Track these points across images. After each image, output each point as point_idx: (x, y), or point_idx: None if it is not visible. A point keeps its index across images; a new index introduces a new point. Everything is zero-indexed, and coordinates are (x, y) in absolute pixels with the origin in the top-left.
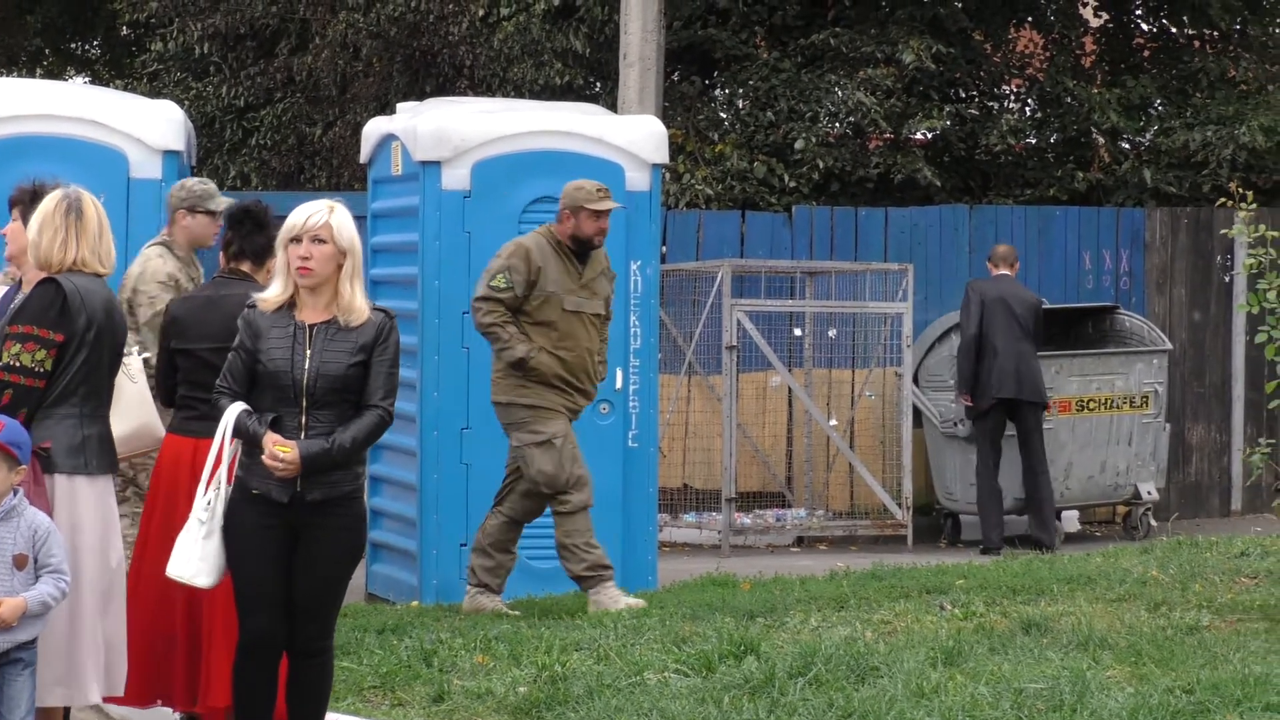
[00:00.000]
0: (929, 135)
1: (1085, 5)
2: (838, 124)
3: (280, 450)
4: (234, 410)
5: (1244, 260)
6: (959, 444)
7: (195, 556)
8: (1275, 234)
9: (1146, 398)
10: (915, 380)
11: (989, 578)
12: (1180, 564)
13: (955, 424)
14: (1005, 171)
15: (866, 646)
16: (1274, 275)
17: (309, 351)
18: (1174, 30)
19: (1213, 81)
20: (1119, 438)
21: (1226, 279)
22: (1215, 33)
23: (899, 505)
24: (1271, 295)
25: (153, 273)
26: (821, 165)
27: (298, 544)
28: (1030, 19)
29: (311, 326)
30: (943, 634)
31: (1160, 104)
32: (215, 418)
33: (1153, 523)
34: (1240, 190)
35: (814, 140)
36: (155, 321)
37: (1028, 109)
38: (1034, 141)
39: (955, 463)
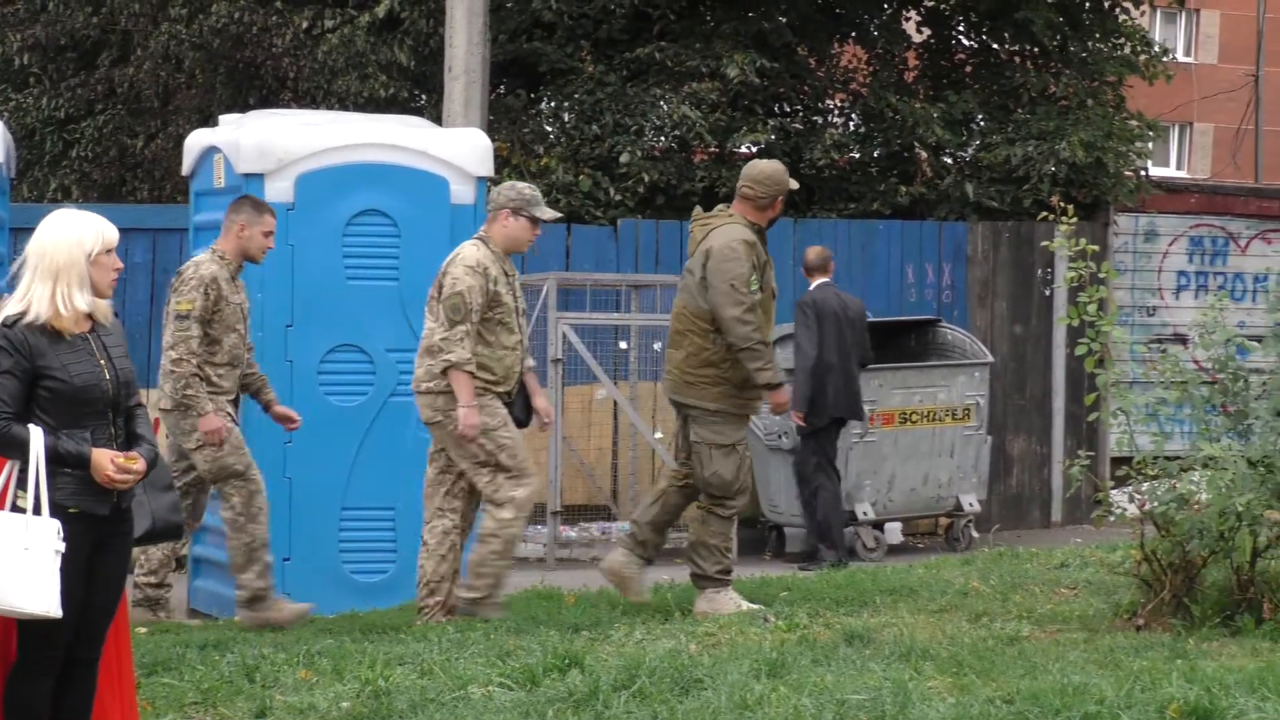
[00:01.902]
0: (754, 149)
1: (908, 21)
2: (663, 138)
3: (128, 462)
4: (38, 435)
5: (1064, 274)
6: (783, 457)
7: (53, 588)
8: (1095, 248)
9: (968, 410)
10: None
11: (812, 589)
12: (1001, 575)
13: (779, 436)
14: (829, 185)
15: (691, 659)
16: (1094, 289)
17: (102, 361)
18: (995, 46)
19: (1034, 97)
20: (941, 450)
21: (1047, 292)
22: (1036, 49)
23: None
24: (1091, 308)
25: (462, 258)
26: (647, 179)
27: (96, 554)
28: (854, 34)
29: (89, 336)
30: (766, 646)
31: (982, 119)
32: None
33: (974, 534)
34: (1061, 204)
35: (639, 154)
36: (451, 301)
37: (852, 123)
38: (858, 156)
39: (780, 475)
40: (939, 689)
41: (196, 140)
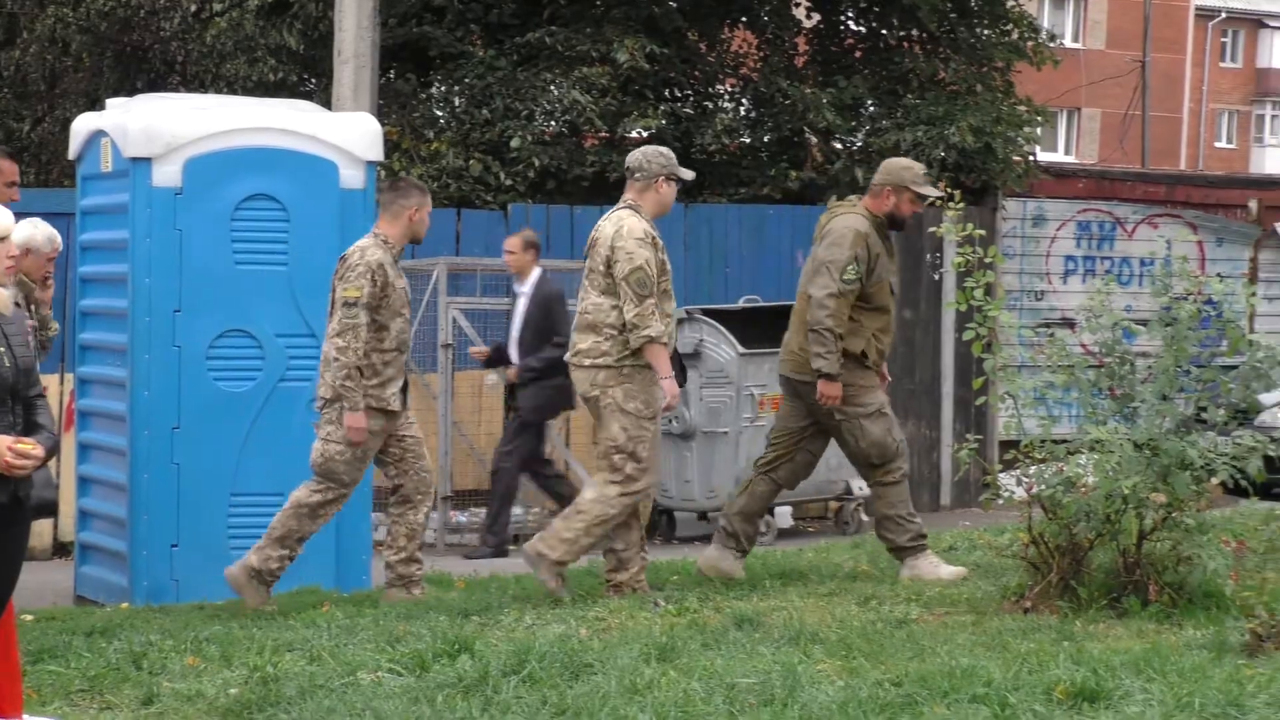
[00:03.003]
0: (644, 134)
1: (798, 6)
2: (553, 122)
3: (26, 447)
4: None
5: (953, 259)
6: (674, 441)
7: None
8: (983, 232)
9: None
10: None
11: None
12: (890, 559)
13: (670, 421)
14: (720, 170)
15: (581, 643)
16: (982, 273)
17: (2, 349)
18: (885, 32)
19: (923, 82)
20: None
21: (936, 277)
22: (925, 34)
23: None
24: (979, 293)
25: (630, 230)
26: (537, 163)
27: None
28: (744, 19)
29: None
30: (656, 630)
31: (872, 104)
32: None
33: (864, 518)
34: (949, 190)
35: (530, 138)
36: (634, 276)
37: (742, 108)
38: (748, 141)
39: (670, 460)
40: (828, 672)
41: (83, 124)
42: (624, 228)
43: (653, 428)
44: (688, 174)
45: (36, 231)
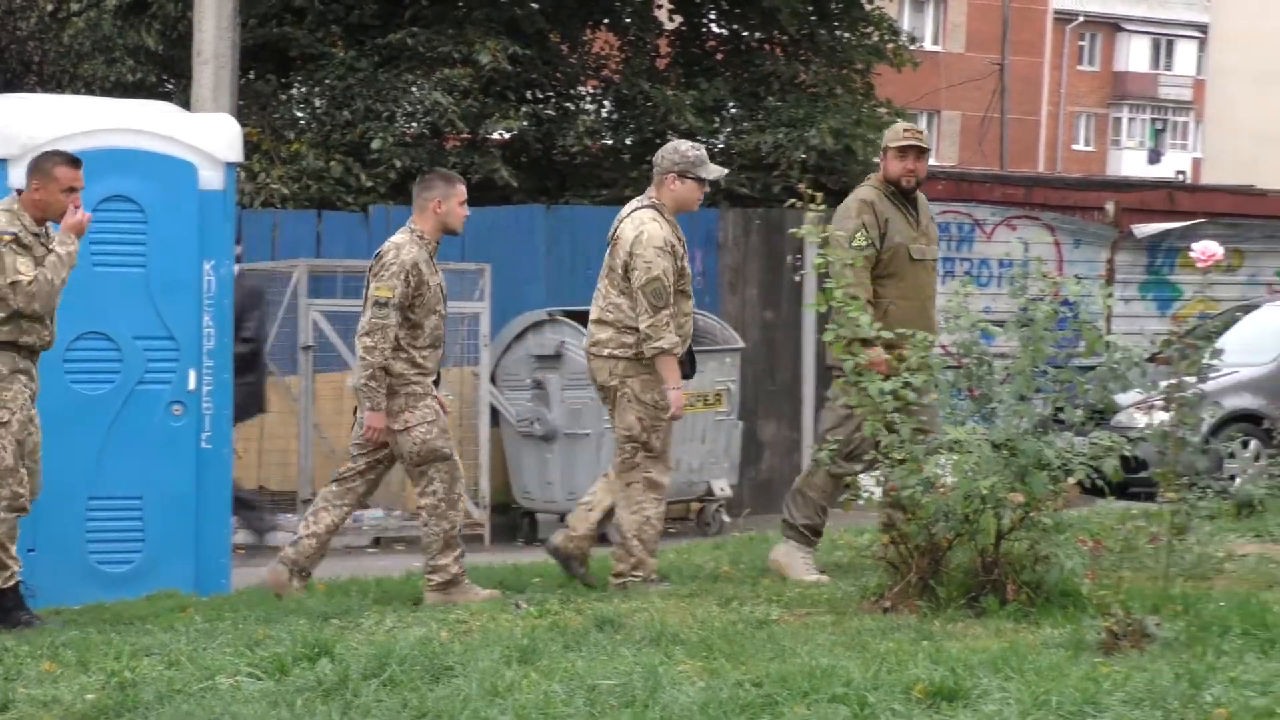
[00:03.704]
0: (506, 135)
1: (660, 8)
2: (415, 124)
3: None
4: None
5: (813, 260)
6: (535, 443)
7: None
8: (843, 234)
9: (720, 396)
10: (493, 380)
11: (565, 575)
12: (752, 559)
13: (532, 423)
14: (582, 172)
15: (442, 646)
16: (841, 275)
17: None
18: (746, 34)
19: (783, 85)
20: (693, 435)
21: (797, 279)
22: (786, 37)
23: (476, 504)
24: (839, 294)
25: (650, 237)
26: (399, 165)
27: None
28: (606, 21)
29: None
30: (518, 632)
31: (733, 106)
32: None
33: (725, 518)
34: (810, 191)
35: (391, 140)
36: (651, 286)
37: (604, 110)
38: (610, 142)
39: (532, 462)
40: (689, 673)
41: None
42: (644, 234)
43: (666, 419)
44: (710, 173)
45: None
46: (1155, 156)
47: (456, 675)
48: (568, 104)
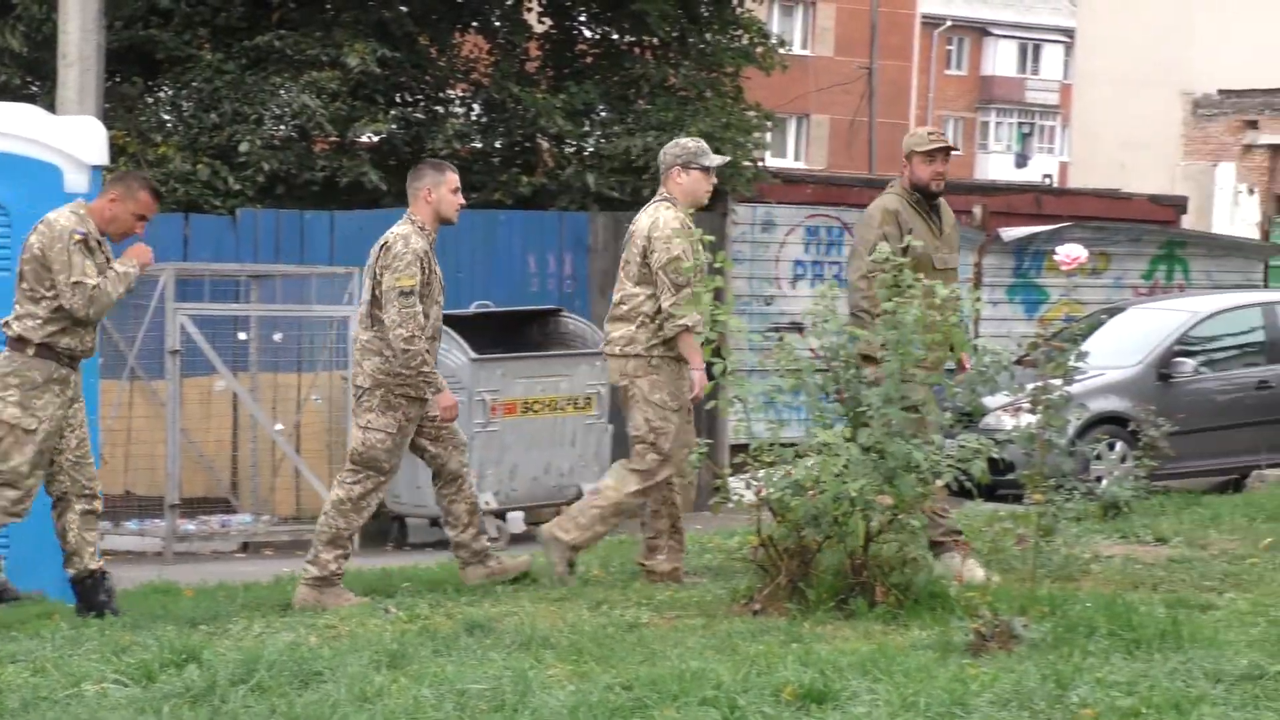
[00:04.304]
0: (375, 138)
1: (530, 11)
2: (283, 126)
3: None
4: None
5: (683, 264)
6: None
7: None
8: (712, 238)
9: (590, 399)
10: None
11: (435, 579)
12: (622, 562)
13: None
14: None
15: (310, 651)
16: (711, 278)
17: None
18: (616, 37)
19: (653, 88)
20: (563, 439)
21: None
22: (656, 40)
23: None
24: (709, 298)
25: (665, 222)
26: (267, 168)
27: None
28: (475, 24)
29: None
30: (387, 637)
31: (603, 110)
32: None
33: None
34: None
35: (259, 143)
36: (671, 265)
37: (473, 113)
38: (480, 146)
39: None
40: (559, 677)
41: None
42: (659, 219)
43: (678, 420)
44: (711, 160)
45: None
46: (1022, 160)
47: (325, 680)
48: (437, 107)
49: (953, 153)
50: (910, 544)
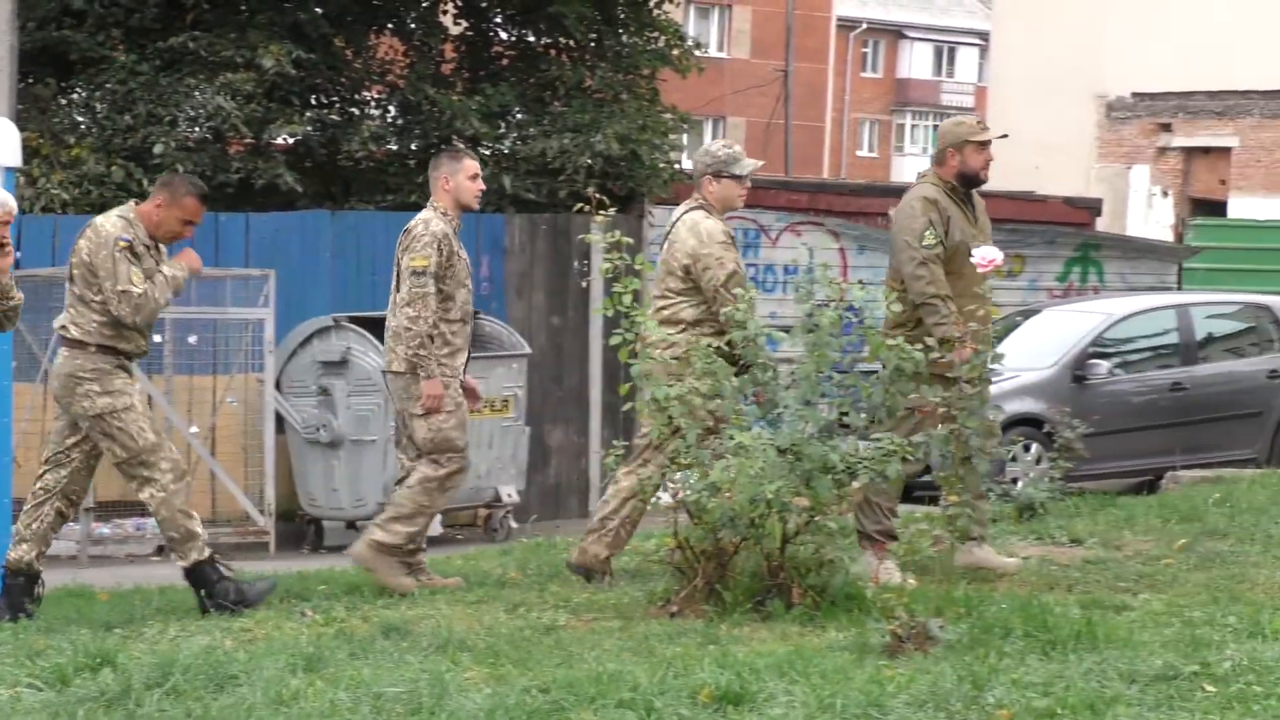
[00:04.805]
0: (290, 140)
1: (445, 13)
2: (197, 128)
3: None
4: None
5: (600, 265)
6: (321, 450)
7: None
8: (630, 240)
9: (507, 401)
10: (278, 386)
11: (351, 582)
12: (539, 565)
13: (317, 429)
14: (367, 177)
15: (226, 655)
16: (628, 280)
17: None
18: (532, 39)
19: (569, 90)
20: (480, 441)
21: (584, 284)
22: (572, 42)
23: (261, 512)
24: (626, 300)
25: (709, 234)
26: (181, 169)
27: None
28: (391, 26)
29: None
30: (303, 640)
31: (519, 112)
32: None
33: (513, 524)
34: (596, 196)
35: (173, 144)
36: (733, 280)
37: (389, 115)
38: (395, 148)
39: (318, 469)
40: (476, 680)
41: None
42: (702, 231)
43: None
44: (743, 169)
45: None
46: None
47: (241, 684)
48: (352, 109)
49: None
50: (827, 545)
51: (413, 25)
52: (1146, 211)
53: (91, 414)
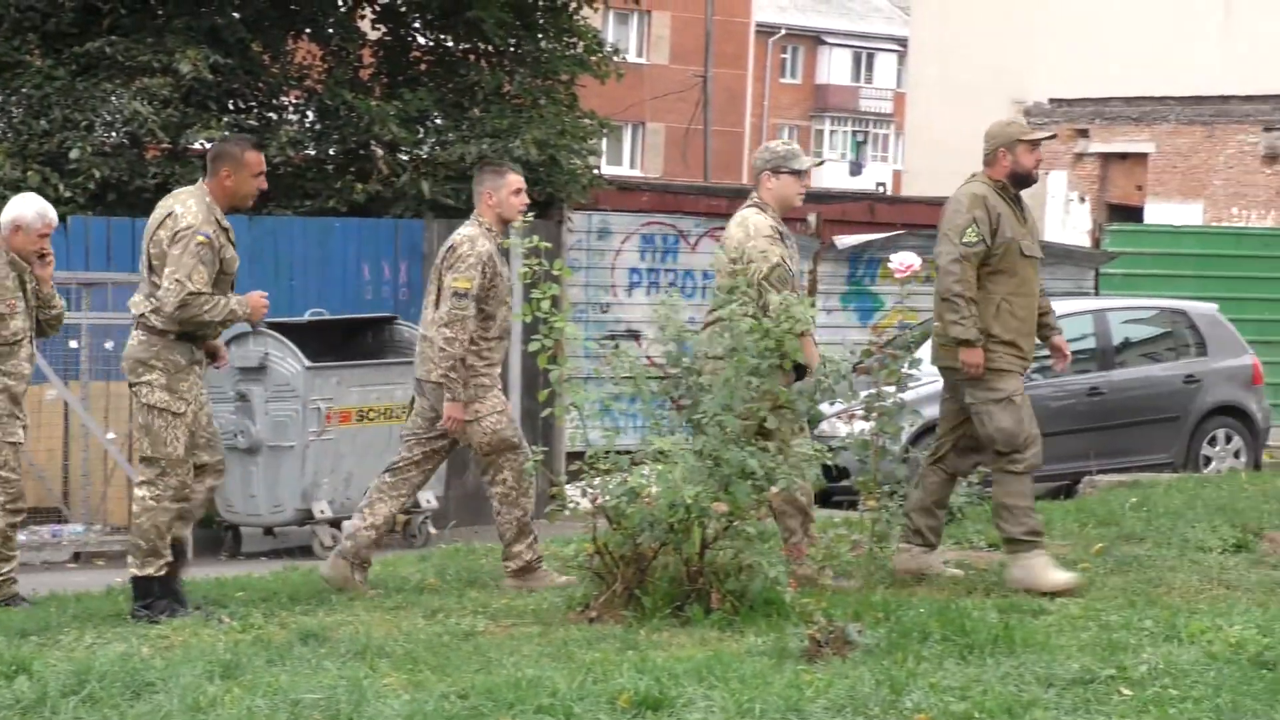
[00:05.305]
0: (207, 145)
1: (363, 18)
2: (114, 133)
3: None
4: None
5: (519, 270)
6: (239, 455)
7: None
8: (548, 245)
9: None
10: None
11: (269, 589)
12: (458, 570)
13: (235, 435)
14: (285, 183)
15: (143, 662)
16: (547, 285)
17: None
18: (451, 44)
19: (488, 95)
20: (398, 447)
21: None
22: (490, 48)
23: None
24: (545, 305)
25: (756, 229)
26: (98, 175)
27: None
28: (309, 31)
29: None
30: (221, 647)
31: (438, 117)
32: None
33: (432, 530)
34: None
35: (90, 149)
36: (775, 274)
37: (307, 120)
38: (314, 153)
39: (235, 474)
40: (394, 686)
41: None
42: (750, 225)
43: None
44: (801, 164)
45: (25, 207)
46: (857, 168)
47: (158, 691)
48: (270, 114)
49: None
50: (746, 550)
51: (330, 30)
52: (1064, 217)
53: (144, 400)
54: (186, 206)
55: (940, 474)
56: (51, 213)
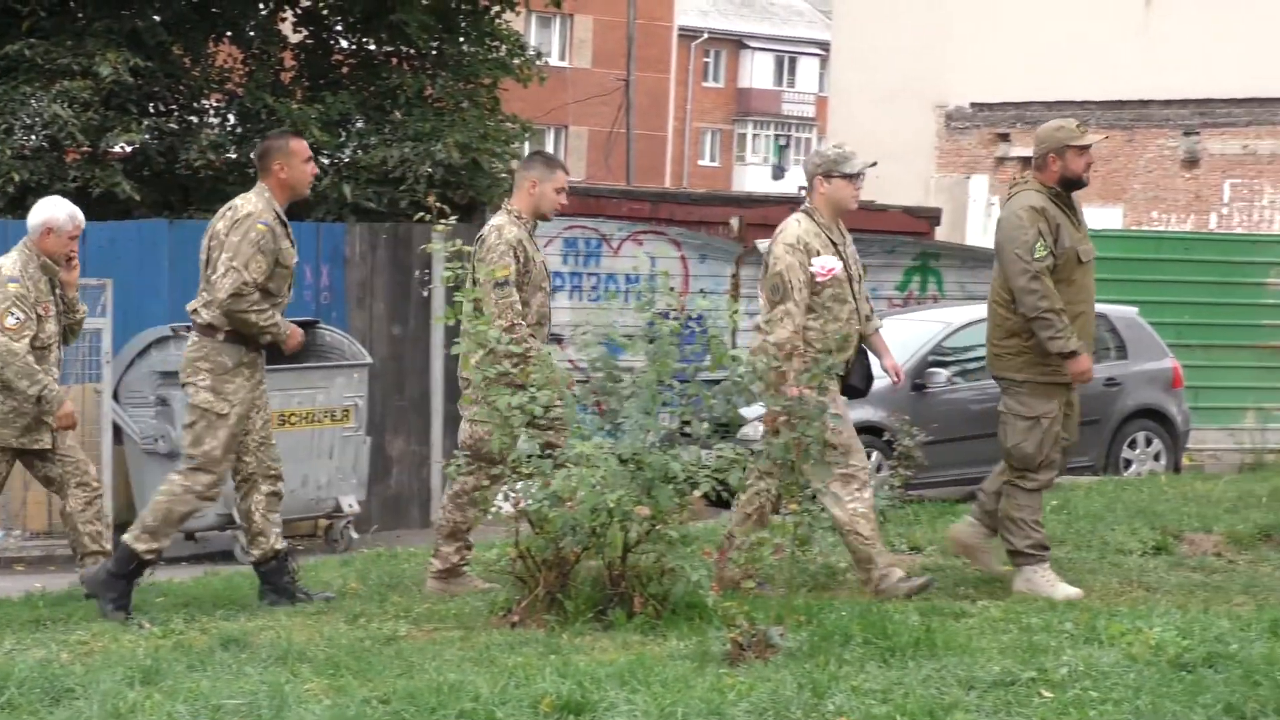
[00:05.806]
0: (128, 149)
1: (284, 21)
2: (34, 136)
3: None
4: None
5: (441, 274)
6: (159, 460)
7: None
8: (470, 249)
9: (348, 411)
10: (115, 397)
11: (191, 594)
12: (380, 575)
13: (156, 440)
14: (206, 186)
15: (62, 668)
16: (470, 289)
17: None
18: (373, 48)
19: (410, 99)
20: (320, 451)
21: (425, 293)
22: (412, 51)
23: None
24: (467, 308)
25: (782, 236)
26: (17, 178)
27: None
28: (230, 34)
29: None
30: (140, 653)
31: (359, 120)
32: None
33: (354, 535)
34: (437, 206)
35: (9, 153)
36: (770, 282)
37: (228, 124)
38: (235, 156)
39: (156, 480)
40: (315, 691)
41: None
42: (781, 233)
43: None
44: (853, 167)
45: (57, 210)
46: (779, 172)
47: (78, 697)
48: (191, 117)
49: None
50: (668, 554)
51: (251, 33)
52: (985, 221)
53: (191, 400)
54: (246, 199)
55: (1025, 491)
56: (80, 215)
